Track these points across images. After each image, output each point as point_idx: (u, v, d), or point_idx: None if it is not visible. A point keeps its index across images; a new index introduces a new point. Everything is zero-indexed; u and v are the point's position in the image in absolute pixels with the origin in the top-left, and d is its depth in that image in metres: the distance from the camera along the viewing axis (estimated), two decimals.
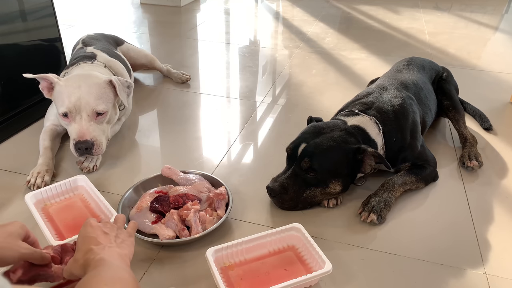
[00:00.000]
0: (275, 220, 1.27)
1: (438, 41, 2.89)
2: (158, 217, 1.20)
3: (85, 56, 1.68)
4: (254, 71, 2.37)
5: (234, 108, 1.97)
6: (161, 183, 1.36)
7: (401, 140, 1.39)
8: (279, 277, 1.04)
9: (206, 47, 2.74)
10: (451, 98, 1.72)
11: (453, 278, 1.09)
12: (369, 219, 1.24)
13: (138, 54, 2.14)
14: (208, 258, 1.03)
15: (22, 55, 1.79)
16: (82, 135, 1.38)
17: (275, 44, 2.81)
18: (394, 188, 1.32)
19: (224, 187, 1.29)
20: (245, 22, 3.34)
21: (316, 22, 3.30)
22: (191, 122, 1.82)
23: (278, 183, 1.28)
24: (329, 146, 1.26)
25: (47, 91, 1.47)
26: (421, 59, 1.83)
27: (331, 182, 1.27)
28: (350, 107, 1.47)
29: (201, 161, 1.56)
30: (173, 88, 2.13)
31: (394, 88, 1.53)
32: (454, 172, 1.51)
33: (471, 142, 1.59)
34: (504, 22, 3.39)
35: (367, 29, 3.16)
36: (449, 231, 1.24)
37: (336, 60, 2.54)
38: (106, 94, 1.45)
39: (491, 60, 2.56)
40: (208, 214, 1.20)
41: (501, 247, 1.19)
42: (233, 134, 1.74)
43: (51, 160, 1.47)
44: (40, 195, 1.27)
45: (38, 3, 1.81)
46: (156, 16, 3.41)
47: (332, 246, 1.18)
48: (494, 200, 1.38)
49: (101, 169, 1.49)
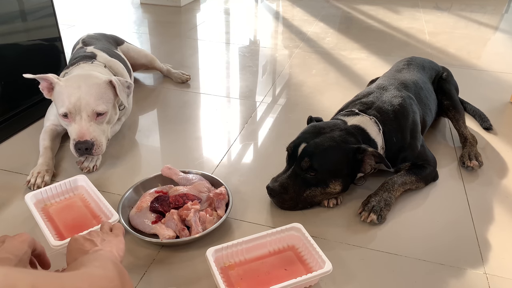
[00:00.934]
0: (275, 220, 1.27)
1: (438, 41, 2.89)
2: (158, 217, 1.20)
3: (85, 56, 1.68)
4: (254, 71, 2.37)
5: (234, 108, 1.97)
6: (161, 183, 1.36)
7: (401, 140, 1.39)
8: (279, 277, 1.04)
9: (206, 47, 2.74)
10: (451, 98, 1.72)
11: (453, 278, 1.09)
12: (369, 219, 1.24)
13: (138, 54, 2.14)
14: (208, 258, 1.03)
15: (22, 55, 1.79)
16: (82, 136, 1.38)
17: (275, 44, 2.81)
18: (394, 188, 1.32)
19: (224, 187, 1.29)
20: (245, 22, 3.34)
21: (316, 22, 3.30)
22: (191, 122, 1.82)
23: (278, 183, 1.28)
24: (329, 146, 1.26)
25: (47, 91, 1.47)
26: (421, 59, 1.83)
27: (331, 182, 1.27)
28: (350, 107, 1.47)
29: (201, 161, 1.56)
30: (173, 88, 2.13)
31: (394, 88, 1.53)
32: (454, 172, 1.51)
33: (471, 142, 1.59)
34: (504, 22, 3.39)
35: (367, 29, 3.16)
36: (449, 231, 1.24)
37: (336, 60, 2.53)
38: (106, 95, 1.45)
39: (491, 60, 2.56)
40: (208, 214, 1.20)
41: (501, 247, 1.19)
42: (233, 134, 1.74)
43: (51, 160, 1.47)
44: (40, 195, 1.27)
45: (38, 3, 1.81)
46: (156, 16, 3.41)
47: (332, 246, 1.18)
48: (494, 200, 1.38)
49: (101, 169, 1.50)
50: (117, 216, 1.16)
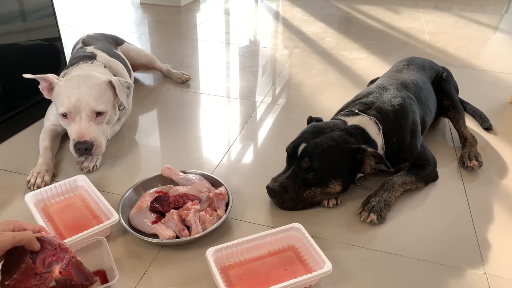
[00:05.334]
0: (275, 220, 1.27)
1: (438, 41, 2.89)
2: (158, 217, 1.20)
3: (85, 56, 1.68)
4: (254, 71, 2.37)
5: (234, 108, 1.97)
6: (161, 183, 1.36)
7: (401, 140, 1.39)
8: (279, 277, 1.04)
9: (206, 47, 2.74)
10: (451, 98, 1.72)
11: (453, 278, 1.09)
12: (369, 219, 1.24)
13: (138, 54, 2.14)
14: (208, 258, 1.03)
15: (22, 55, 1.79)
16: (81, 136, 1.38)
17: (275, 44, 2.81)
18: (394, 188, 1.32)
19: (224, 187, 1.29)
20: (245, 22, 3.34)
21: (316, 22, 3.30)
22: (191, 122, 1.82)
23: (278, 183, 1.28)
24: (329, 146, 1.26)
25: (47, 91, 1.47)
26: (421, 59, 1.83)
27: (331, 182, 1.27)
28: (350, 107, 1.47)
29: (201, 161, 1.56)
30: (173, 88, 2.13)
31: (394, 88, 1.53)
32: (454, 172, 1.51)
33: (471, 142, 1.60)
34: (504, 22, 3.39)
35: (367, 29, 3.16)
36: (449, 231, 1.24)
37: (336, 60, 2.54)
38: (106, 95, 1.45)
39: (491, 60, 2.56)
40: (208, 214, 1.20)
41: (501, 247, 1.19)
42: (233, 134, 1.74)
43: (51, 160, 1.47)
44: (40, 195, 1.27)
45: (38, 3, 1.81)
46: (156, 16, 3.41)
47: (332, 246, 1.18)
48: (494, 200, 1.38)
49: (101, 169, 1.50)
50: (117, 216, 1.16)
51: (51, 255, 0.88)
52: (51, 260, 0.87)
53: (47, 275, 0.86)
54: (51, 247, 0.88)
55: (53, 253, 0.88)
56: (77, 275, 0.91)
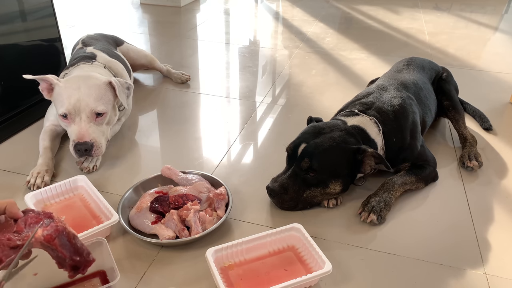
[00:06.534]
0: (275, 220, 1.27)
1: (438, 41, 2.89)
2: (158, 217, 1.20)
3: (85, 57, 1.68)
4: (254, 71, 2.37)
5: (234, 108, 1.97)
6: (161, 183, 1.36)
7: (401, 140, 1.39)
8: (279, 277, 1.04)
9: (206, 47, 2.74)
10: (451, 98, 1.72)
11: (453, 278, 1.09)
12: (369, 219, 1.24)
13: (138, 54, 2.14)
14: (208, 258, 1.03)
15: (22, 55, 1.79)
16: (81, 137, 1.38)
17: (275, 44, 2.81)
18: (394, 188, 1.32)
19: (224, 187, 1.29)
20: (245, 22, 3.34)
21: (316, 22, 3.30)
22: (191, 122, 1.82)
23: (278, 183, 1.28)
24: (329, 146, 1.26)
25: (47, 92, 1.47)
26: (421, 59, 1.83)
27: (331, 182, 1.27)
28: (350, 107, 1.47)
29: (201, 161, 1.56)
30: (173, 88, 2.14)
31: (394, 88, 1.53)
32: (454, 172, 1.51)
33: (471, 142, 1.60)
34: (504, 22, 3.39)
35: (367, 29, 3.16)
36: (449, 231, 1.24)
37: (336, 60, 2.54)
38: (106, 96, 1.45)
39: (491, 60, 2.56)
40: (208, 214, 1.20)
41: (501, 247, 1.19)
42: (233, 134, 1.74)
43: (51, 160, 1.47)
44: (40, 195, 1.27)
45: (38, 3, 1.81)
46: (156, 16, 3.41)
47: (332, 246, 1.18)
48: (494, 200, 1.38)
49: (101, 169, 1.50)
50: (117, 217, 1.16)
51: (34, 217, 0.85)
52: (33, 222, 0.84)
53: (28, 233, 0.82)
54: (34, 213, 0.86)
55: (36, 217, 0.85)
56: (63, 245, 0.84)
